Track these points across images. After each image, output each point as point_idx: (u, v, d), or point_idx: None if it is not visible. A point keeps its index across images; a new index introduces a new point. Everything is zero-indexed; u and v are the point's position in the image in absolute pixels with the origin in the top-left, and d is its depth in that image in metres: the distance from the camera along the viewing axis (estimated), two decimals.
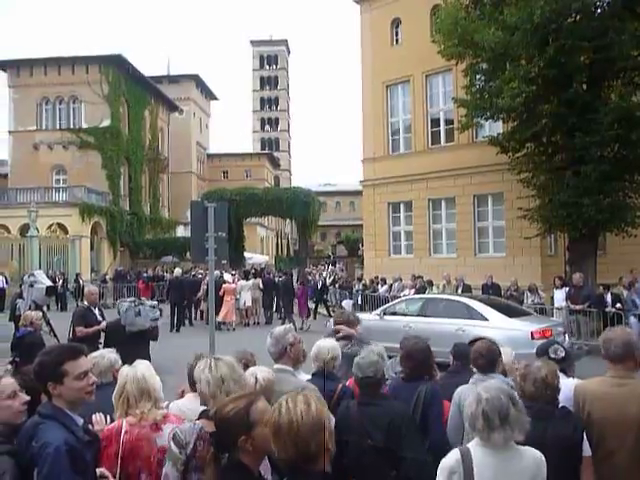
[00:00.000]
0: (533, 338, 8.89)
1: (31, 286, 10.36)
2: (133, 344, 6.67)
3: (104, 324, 7.45)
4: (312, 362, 3.71)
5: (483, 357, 3.49)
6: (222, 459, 2.02)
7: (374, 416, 3.08)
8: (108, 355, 3.38)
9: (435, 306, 10.99)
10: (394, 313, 11.41)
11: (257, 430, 1.97)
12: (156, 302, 8.10)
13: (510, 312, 10.31)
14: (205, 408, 2.52)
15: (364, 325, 12.38)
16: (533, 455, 2.39)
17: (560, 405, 2.91)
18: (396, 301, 12.62)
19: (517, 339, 8.72)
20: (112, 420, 2.93)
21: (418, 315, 10.95)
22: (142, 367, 2.94)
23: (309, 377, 3.73)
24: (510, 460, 2.33)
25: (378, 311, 11.89)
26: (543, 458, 2.41)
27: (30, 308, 9.38)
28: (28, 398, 2.56)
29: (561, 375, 3.31)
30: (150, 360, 6.41)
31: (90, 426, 2.80)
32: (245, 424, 1.96)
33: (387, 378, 3.93)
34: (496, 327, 9.45)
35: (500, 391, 2.38)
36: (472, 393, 2.47)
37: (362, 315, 12.85)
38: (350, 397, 3.53)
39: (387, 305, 12.44)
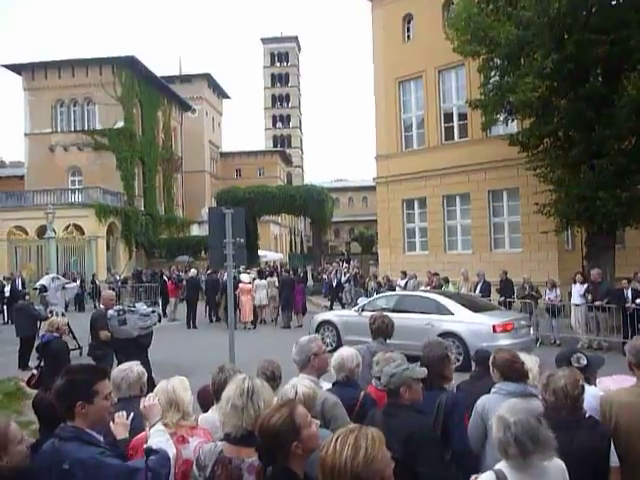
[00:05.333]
0: (495, 331, 9.73)
1: (63, 288, 10.49)
2: (131, 349, 6.70)
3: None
4: (335, 372, 3.65)
5: (504, 366, 3.46)
6: (268, 471, 2.07)
7: (394, 427, 3.03)
8: (136, 368, 3.41)
9: (408, 302, 11.67)
10: (373, 310, 11.53)
11: (304, 433, 2.05)
12: (151, 310, 7.62)
13: (476, 307, 11.00)
14: (229, 431, 2.40)
15: (343, 320, 12.76)
16: (556, 466, 2.36)
17: (587, 415, 2.89)
18: (373, 297, 13.25)
19: (480, 332, 9.68)
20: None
21: (393, 311, 11.00)
22: (175, 380, 2.98)
23: (329, 386, 3.67)
24: (542, 478, 2.30)
25: (356, 307, 12.44)
26: (565, 466, 2.39)
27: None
28: (33, 441, 2.47)
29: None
30: (149, 365, 6.35)
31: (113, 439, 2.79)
32: (294, 429, 2.04)
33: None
34: (461, 321, 10.26)
35: (527, 412, 2.33)
36: (496, 418, 2.38)
37: (342, 312, 13.21)
38: (372, 405, 3.51)
39: (365, 301, 12.82)
